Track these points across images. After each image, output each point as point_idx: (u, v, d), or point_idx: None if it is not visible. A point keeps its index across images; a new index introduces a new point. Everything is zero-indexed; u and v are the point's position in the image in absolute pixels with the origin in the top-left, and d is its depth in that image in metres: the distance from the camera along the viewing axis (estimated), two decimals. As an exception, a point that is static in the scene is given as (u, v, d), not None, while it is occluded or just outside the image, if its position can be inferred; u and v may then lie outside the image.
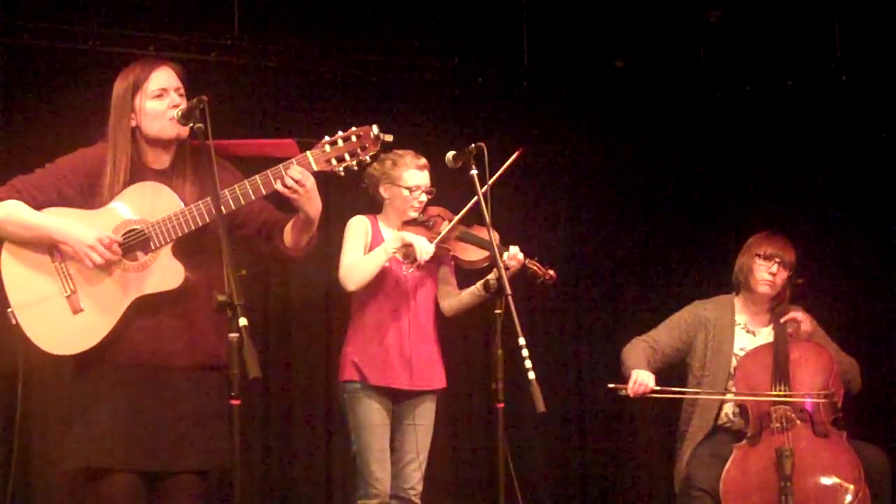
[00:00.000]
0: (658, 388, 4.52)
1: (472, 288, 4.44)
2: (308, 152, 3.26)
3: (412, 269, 4.36)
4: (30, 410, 4.80)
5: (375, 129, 3.26)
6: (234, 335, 2.96)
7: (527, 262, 4.42)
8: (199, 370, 3.33)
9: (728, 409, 4.60)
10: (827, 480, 4.26)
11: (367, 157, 3.28)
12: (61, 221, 3.26)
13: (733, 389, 4.55)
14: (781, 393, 4.40)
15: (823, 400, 4.39)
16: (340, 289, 4.44)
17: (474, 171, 3.76)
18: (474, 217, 4.43)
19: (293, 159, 3.24)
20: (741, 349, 4.64)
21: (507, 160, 4.33)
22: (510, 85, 6.16)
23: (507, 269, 4.18)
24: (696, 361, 4.67)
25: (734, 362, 4.60)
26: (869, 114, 5.98)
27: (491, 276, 3.77)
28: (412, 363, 4.37)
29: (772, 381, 4.44)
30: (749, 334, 4.68)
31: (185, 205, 3.27)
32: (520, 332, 3.52)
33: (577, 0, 6.02)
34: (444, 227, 4.42)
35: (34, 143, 5.22)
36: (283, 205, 3.46)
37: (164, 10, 5.39)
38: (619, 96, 6.32)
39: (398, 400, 4.42)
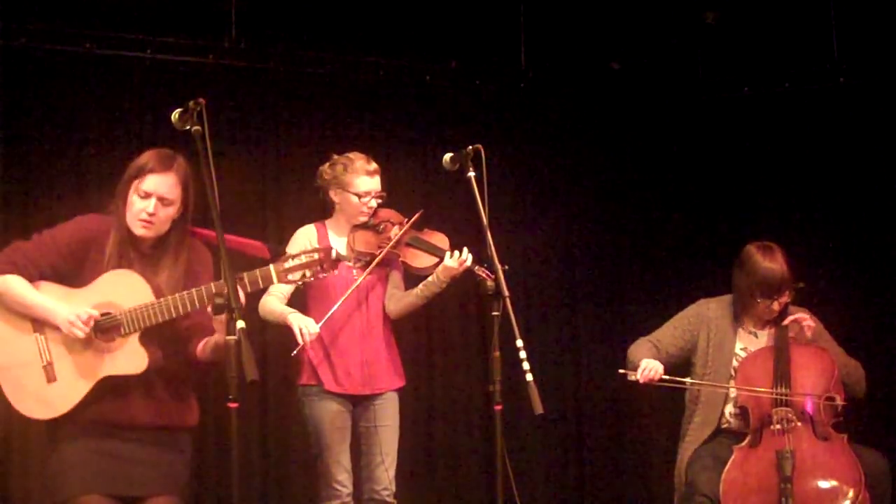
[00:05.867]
0: (667, 376, 4.50)
1: (416, 289, 4.49)
2: (271, 265, 3.42)
3: (295, 352, 4.36)
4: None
5: (335, 252, 3.49)
6: (231, 338, 2.98)
7: (475, 268, 4.39)
8: (159, 429, 3.54)
9: (728, 409, 4.60)
10: (827, 483, 4.24)
11: (323, 275, 3.47)
12: (49, 302, 3.48)
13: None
14: (785, 391, 4.39)
15: (825, 402, 4.39)
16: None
17: (472, 174, 3.76)
18: (426, 221, 4.47)
19: (256, 271, 3.40)
20: (742, 349, 4.62)
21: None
22: (508, 87, 6.16)
23: (454, 272, 4.36)
24: (698, 360, 4.66)
25: (735, 362, 4.60)
26: (867, 115, 5.98)
27: (488, 280, 3.76)
28: (369, 368, 4.42)
29: (773, 383, 4.42)
30: (751, 335, 4.67)
31: (158, 293, 3.45)
32: (517, 335, 3.53)
33: (574, 3, 6.02)
34: (394, 233, 4.43)
35: (31, 145, 5.23)
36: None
37: (162, 14, 5.39)
38: (617, 99, 6.33)
39: (357, 402, 4.45)
